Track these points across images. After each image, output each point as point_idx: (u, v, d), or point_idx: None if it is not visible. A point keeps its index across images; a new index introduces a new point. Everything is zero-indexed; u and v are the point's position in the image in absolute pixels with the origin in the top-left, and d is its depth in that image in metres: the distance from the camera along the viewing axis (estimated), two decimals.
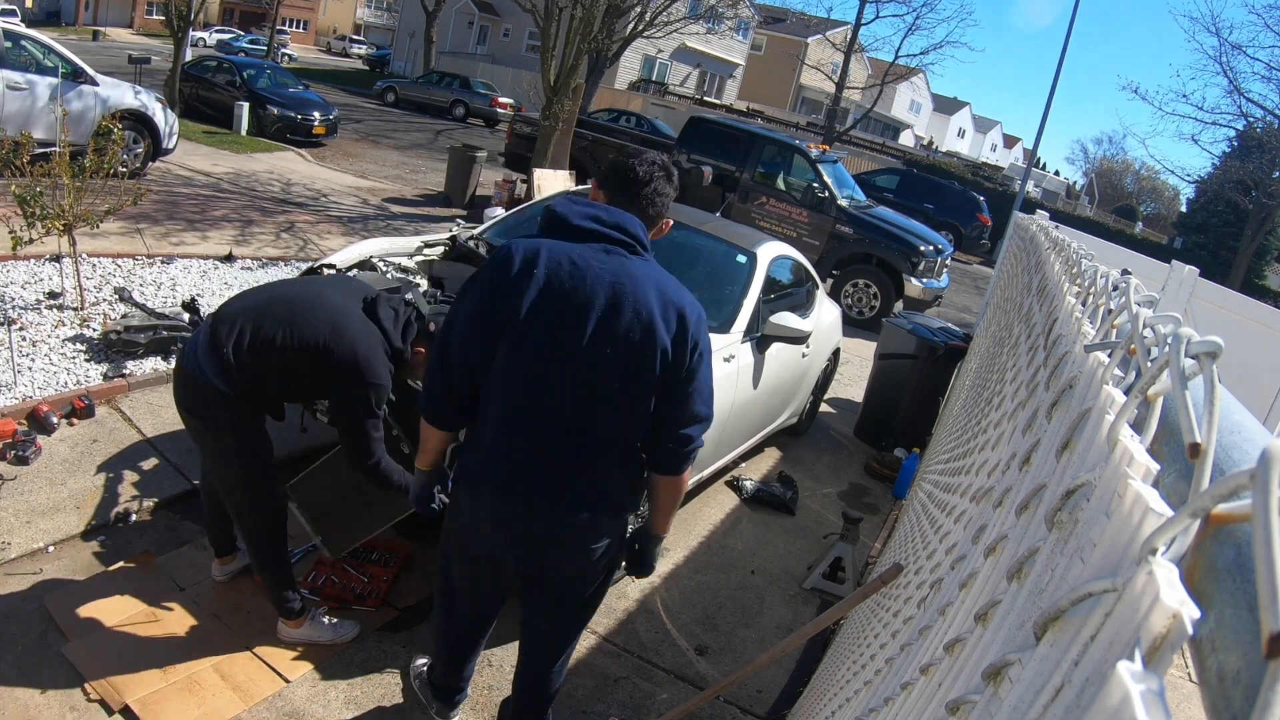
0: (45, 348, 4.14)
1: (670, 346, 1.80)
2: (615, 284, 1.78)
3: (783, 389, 4.52)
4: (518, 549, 1.94)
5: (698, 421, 1.89)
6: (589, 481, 1.86)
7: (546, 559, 1.95)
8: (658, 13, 16.91)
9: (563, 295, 1.77)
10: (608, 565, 2.01)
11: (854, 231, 9.63)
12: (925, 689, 1.02)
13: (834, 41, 27.40)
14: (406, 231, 8.59)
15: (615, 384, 1.80)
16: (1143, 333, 0.74)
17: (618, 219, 1.85)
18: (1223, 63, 21.07)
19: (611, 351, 1.77)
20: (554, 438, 1.82)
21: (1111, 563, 0.52)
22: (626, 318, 1.77)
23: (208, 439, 2.49)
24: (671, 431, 1.88)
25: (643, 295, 1.79)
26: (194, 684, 2.43)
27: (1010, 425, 1.46)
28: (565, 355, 1.77)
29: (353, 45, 45.98)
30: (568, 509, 1.86)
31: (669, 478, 1.96)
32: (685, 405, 1.86)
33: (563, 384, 1.79)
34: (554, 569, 1.98)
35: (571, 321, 1.77)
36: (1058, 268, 2.10)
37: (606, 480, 1.88)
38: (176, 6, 12.36)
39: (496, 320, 1.79)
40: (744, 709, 2.91)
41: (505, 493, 1.86)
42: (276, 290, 2.59)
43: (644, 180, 1.93)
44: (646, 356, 1.78)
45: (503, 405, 1.83)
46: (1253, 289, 22.57)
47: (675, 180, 2.01)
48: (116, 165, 4.65)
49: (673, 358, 1.81)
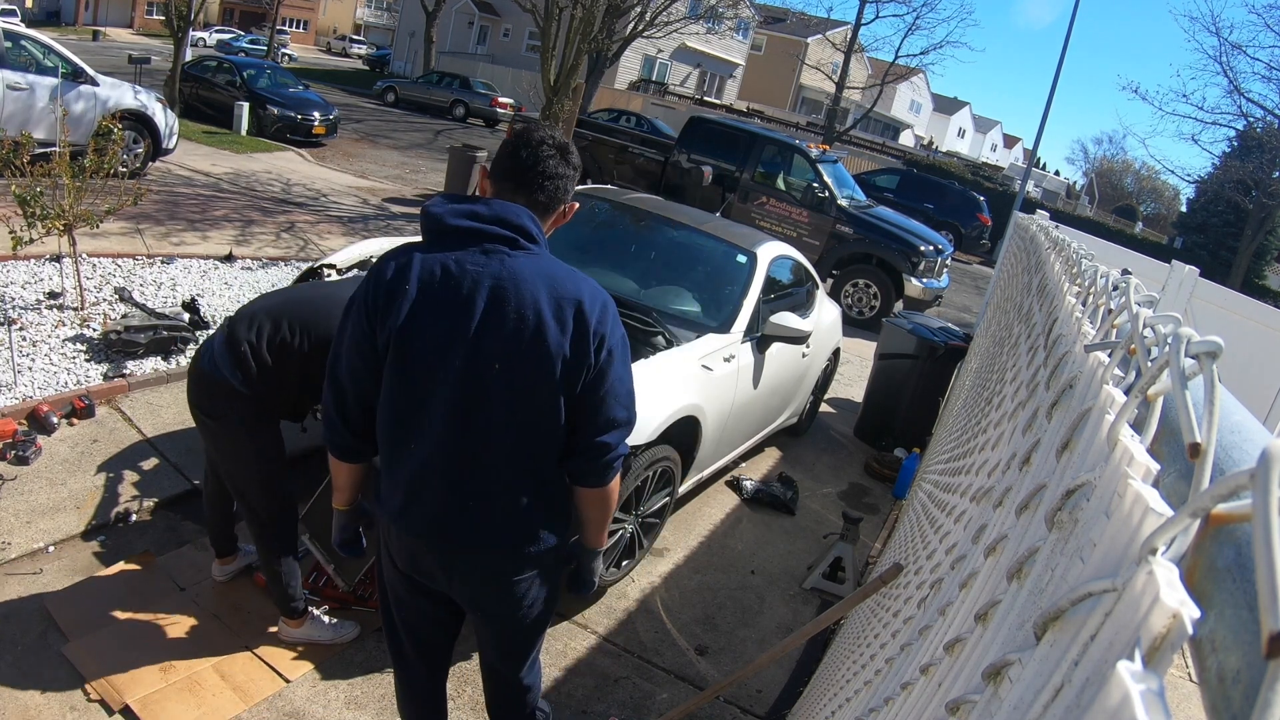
0: (45, 348, 4.14)
1: (568, 347, 1.59)
2: (495, 287, 1.57)
3: (783, 389, 4.52)
4: (435, 583, 1.78)
5: (616, 427, 1.68)
6: (494, 510, 1.65)
7: (465, 593, 1.77)
8: (658, 13, 16.90)
9: (438, 307, 1.58)
10: (545, 591, 1.81)
11: (854, 231, 9.63)
12: (925, 689, 1.02)
13: (834, 41, 27.40)
14: (406, 231, 8.59)
15: (508, 398, 1.60)
16: (1143, 333, 0.74)
17: (498, 212, 1.62)
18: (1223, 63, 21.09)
19: (500, 365, 1.58)
20: (447, 464, 1.63)
21: (1111, 563, 0.52)
22: (510, 323, 1.57)
23: (221, 439, 2.49)
24: (586, 441, 1.67)
25: (528, 295, 1.57)
26: (194, 684, 2.43)
27: (1010, 425, 1.46)
28: (448, 373, 1.59)
29: (353, 45, 45.98)
30: (472, 542, 1.68)
31: (592, 490, 1.74)
32: (598, 410, 1.65)
33: (450, 404, 1.60)
34: (478, 602, 1.80)
35: (451, 334, 1.58)
36: (1058, 268, 2.10)
37: (515, 507, 1.66)
38: (176, 6, 12.37)
39: (378, 341, 1.62)
40: (744, 709, 2.91)
41: (407, 526, 1.69)
42: (294, 292, 2.61)
43: (528, 164, 1.67)
44: (541, 363, 1.58)
45: (391, 431, 1.66)
46: (1253, 289, 22.58)
47: (574, 158, 1.75)
48: (116, 165, 4.66)
49: (573, 358, 1.60)
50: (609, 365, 1.65)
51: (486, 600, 1.79)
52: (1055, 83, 12.87)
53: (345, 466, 1.81)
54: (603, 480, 1.73)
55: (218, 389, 2.39)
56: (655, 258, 4.44)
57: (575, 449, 1.69)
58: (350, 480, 1.84)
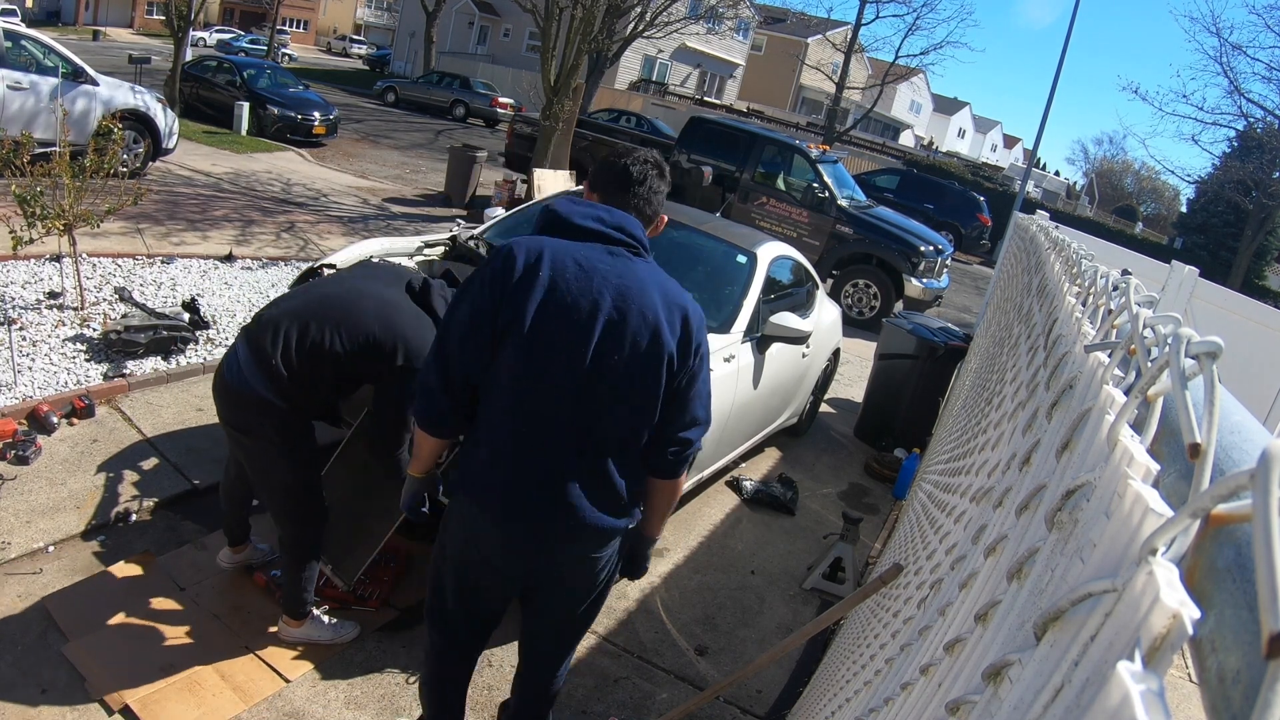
0: (45, 348, 4.14)
1: (675, 351, 1.76)
2: (621, 287, 1.73)
3: (783, 389, 4.52)
4: (514, 561, 1.87)
5: (697, 425, 1.86)
6: (591, 493, 1.78)
7: (544, 572, 1.89)
8: (658, 13, 16.92)
9: (569, 299, 1.70)
10: (610, 572, 1.96)
11: (854, 231, 9.63)
12: (925, 689, 1.02)
13: (834, 41, 27.40)
14: (406, 231, 8.59)
15: (621, 391, 1.74)
16: (1143, 333, 0.74)
17: (619, 220, 1.80)
18: (1223, 63, 21.06)
19: (619, 358, 1.72)
20: (555, 447, 1.75)
21: (1111, 563, 0.52)
22: (634, 323, 1.72)
23: (255, 452, 2.43)
24: (671, 435, 1.83)
25: (649, 300, 1.74)
26: (194, 684, 2.43)
27: (1010, 425, 1.46)
28: (571, 361, 1.71)
29: (353, 45, 45.97)
30: (568, 523, 1.79)
31: (667, 481, 1.92)
32: (686, 409, 1.82)
33: (566, 391, 1.72)
34: (553, 582, 1.92)
35: (578, 326, 1.70)
36: (1058, 268, 2.10)
37: (608, 490, 1.80)
38: (176, 6, 12.36)
39: (498, 323, 1.71)
40: (744, 709, 2.91)
41: (502, 505, 1.78)
42: (315, 291, 2.52)
43: (638, 179, 1.87)
44: (653, 362, 1.74)
45: (502, 412, 1.76)
46: (1253, 289, 22.57)
47: (668, 175, 1.96)
48: (117, 165, 4.66)
49: (678, 361, 1.77)
50: (699, 370, 1.83)
51: (570, 575, 1.91)
52: (1055, 83, 12.87)
53: (431, 439, 1.88)
54: (677, 472, 1.91)
55: (247, 402, 2.33)
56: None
57: (660, 442, 1.84)
58: (433, 452, 1.94)
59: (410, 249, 3.92)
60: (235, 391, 2.35)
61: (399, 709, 2.52)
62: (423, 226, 8.95)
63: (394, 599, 2.98)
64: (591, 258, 1.74)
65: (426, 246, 3.99)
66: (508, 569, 1.89)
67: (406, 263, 3.81)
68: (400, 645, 2.79)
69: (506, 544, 1.84)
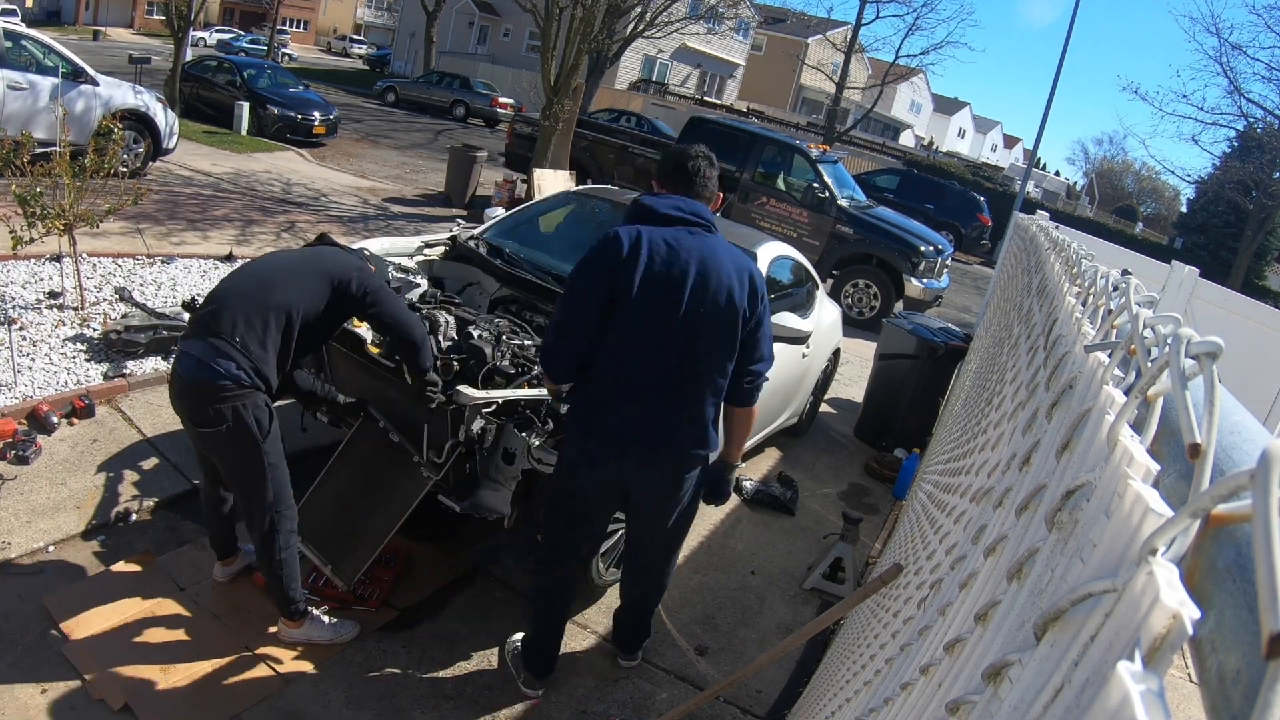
0: (45, 347, 4.14)
1: (746, 304, 2.25)
2: (703, 258, 2.20)
3: (782, 389, 4.52)
4: (626, 477, 2.37)
5: (764, 360, 2.37)
6: (687, 422, 2.30)
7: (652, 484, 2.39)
8: (658, 13, 16.92)
9: (664, 270, 2.17)
10: (695, 488, 2.47)
11: (854, 232, 9.63)
12: (925, 689, 1.02)
13: (834, 41, 27.39)
14: (406, 231, 8.59)
15: (709, 341, 2.23)
16: (1143, 333, 0.74)
17: (694, 207, 2.30)
18: (1223, 63, 21.03)
19: (705, 314, 2.20)
20: (659, 389, 2.24)
21: (1111, 563, 0.52)
22: (713, 286, 2.20)
23: (221, 447, 2.43)
24: (745, 369, 2.34)
25: (724, 267, 2.23)
26: (194, 684, 2.43)
27: (1010, 425, 1.46)
28: (669, 320, 2.18)
29: (353, 45, 45.95)
30: (671, 445, 2.31)
31: (743, 409, 2.44)
32: (756, 348, 2.33)
33: (667, 344, 2.20)
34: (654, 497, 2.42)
35: (672, 292, 2.17)
36: (1058, 268, 2.11)
37: (699, 421, 2.31)
38: (177, 6, 12.36)
39: (610, 294, 2.17)
40: (744, 709, 2.91)
41: (619, 434, 2.28)
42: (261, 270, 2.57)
43: (695, 171, 2.36)
44: (731, 314, 2.23)
45: (616, 364, 2.23)
46: (1253, 289, 22.57)
47: (715, 162, 2.42)
48: (117, 165, 4.66)
49: (749, 313, 2.27)
50: (764, 316, 2.34)
51: (668, 488, 2.40)
52: (1055, 83, 12.87)
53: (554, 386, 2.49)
54: (751, 399, 2.42)
55: (206, 394, 2.32)
56: None
57: (737, 374, 2.35)
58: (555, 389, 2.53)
59: (410, 249, 3.91)
60: (199, 384, 2.33)
61: (399, 709, 2.52)
62: (423, 226, 8.95)
63: (394, 599, 2.98)
64: (678, 236, 2.22)
65: (426, 246, 3.98)
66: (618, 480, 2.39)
67: (406, 262, 3.81)
68: (400, 645, 2.79)
69: (617, 461, 2.32)
